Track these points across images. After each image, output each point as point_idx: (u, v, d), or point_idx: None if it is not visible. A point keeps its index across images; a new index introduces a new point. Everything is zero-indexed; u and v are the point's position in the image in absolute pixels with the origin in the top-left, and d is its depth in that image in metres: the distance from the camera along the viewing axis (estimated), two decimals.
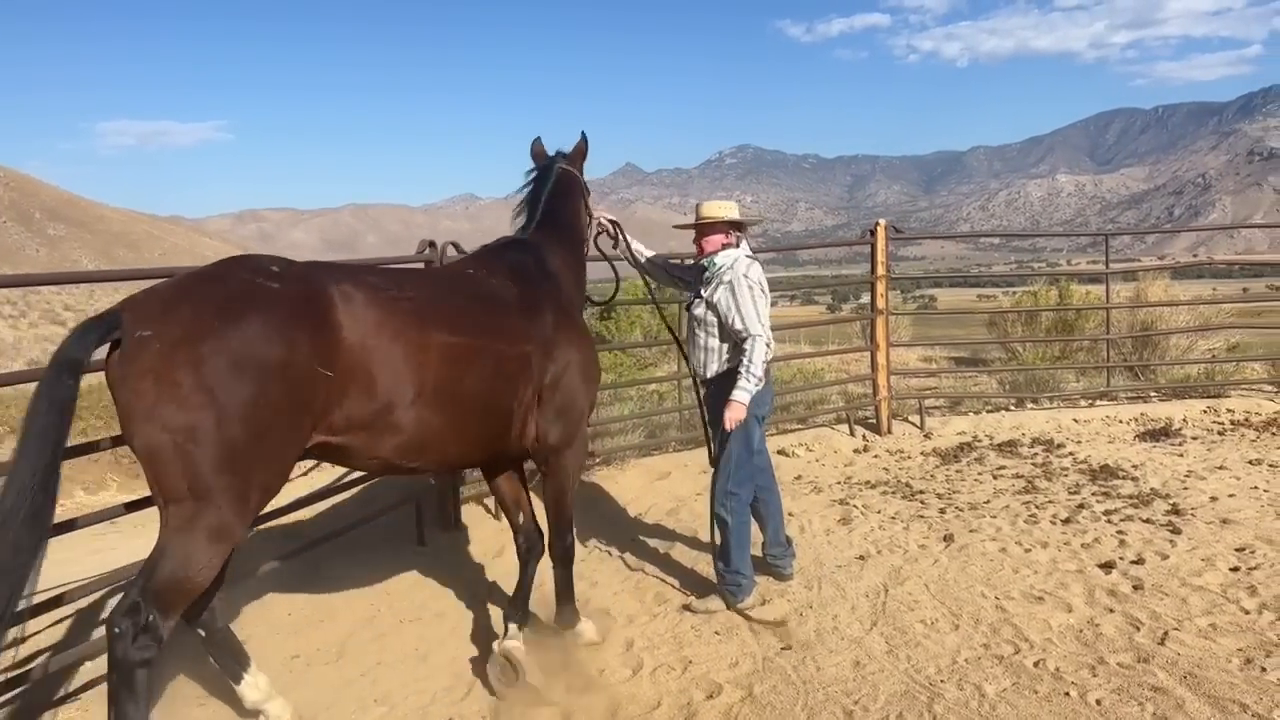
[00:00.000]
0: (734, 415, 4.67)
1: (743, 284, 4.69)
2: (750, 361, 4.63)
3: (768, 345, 4.70)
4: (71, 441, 3.19)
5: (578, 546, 5.96)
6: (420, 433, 3.54)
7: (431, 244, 6.08)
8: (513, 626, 4.30)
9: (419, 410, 3.50)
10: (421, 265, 5.93)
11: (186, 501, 2.96)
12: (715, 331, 4.85)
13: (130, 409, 2.95)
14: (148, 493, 3.22)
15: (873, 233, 8.85)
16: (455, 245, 6.17)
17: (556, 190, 4.71)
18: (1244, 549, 5.31)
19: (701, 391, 5.08)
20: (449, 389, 3.58)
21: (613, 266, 5.38)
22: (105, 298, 36.01)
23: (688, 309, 5.06)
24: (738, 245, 4.90)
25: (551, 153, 4.91)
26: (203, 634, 3.68)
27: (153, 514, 3.17)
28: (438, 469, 4.70)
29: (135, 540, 7.22)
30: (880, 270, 8.85)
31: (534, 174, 4.81)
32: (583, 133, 5.00)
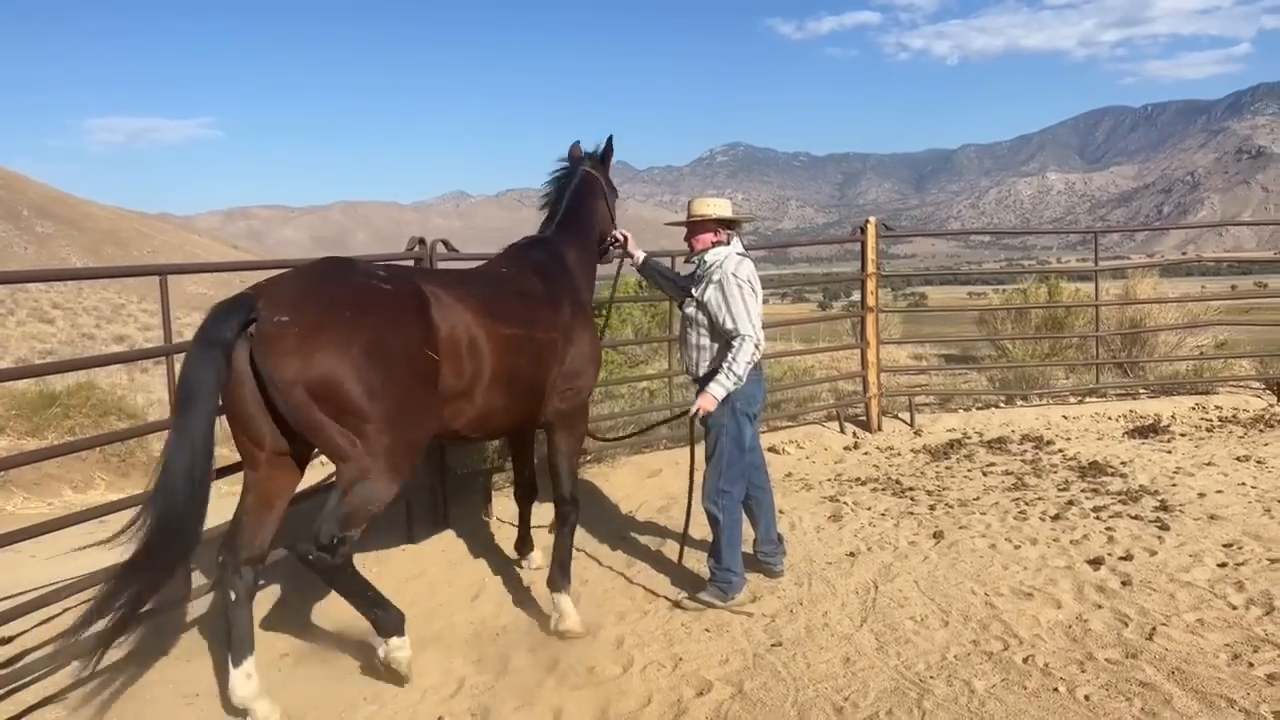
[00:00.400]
0: (703, 405, 4.71)
1: (731, 282, 4.69)
2: (734, 360, 4.64)
3: (757, 345, 4.69)
4: (59, 439, 3.20)
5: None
6: (486, 408, 4.24)
7: (421, 241, 6.07)
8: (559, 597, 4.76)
9: (488, 389, 4.19)
10: (411, 263, 5.91)
11: (343, 458, 3.64)
12: (706, 330, 4.85)
13: (274, 381, 3.50)
14: (137, 492, 3.35)
15: (863, 230, 8.87)
16: (445, 243, 6.16)
17: (578, 191, 5.24)
18: (1231, 545, 5.34)
19: (694, 390, 5.09)
20: (507, 371, 4.25)
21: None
22: (94, 295, 35.84)
23: (680, 307, 5.08)
24: (728, 243, 4.90)
25: (585, 154, 5.42)
26: (234, 596, 3.84)
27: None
28: (485, 438, 5.29)
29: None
30: (871, 268, 8.86)
31: (560, 174, 5.30)
32: (609, 136, 5.48)
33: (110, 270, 5.16)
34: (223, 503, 4.21)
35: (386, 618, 4.00)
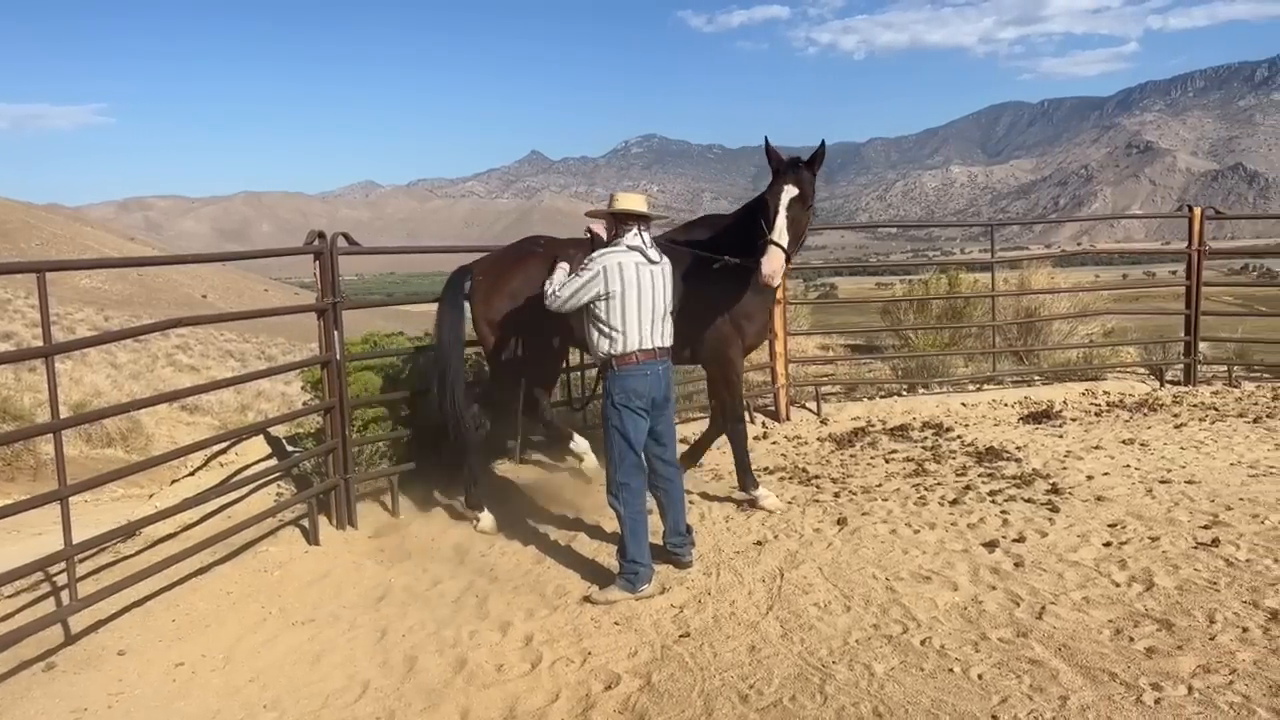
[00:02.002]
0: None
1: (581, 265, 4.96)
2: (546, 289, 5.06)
3: (554, 295, 4.97)
4: None
5: (480, 538, 5.94)
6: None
7: (321, 235, 5.92)
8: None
9: None
10: (310, 256, 5.76)
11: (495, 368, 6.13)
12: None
13: (475, 320, 5.99)
14: (22, 497, 3.19)
15: None
16: (346, 236, 6.03)
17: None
18: (1116, 525, 5.58)
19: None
20: None
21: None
22: None
23: None
24: (620, 236, 4.96)
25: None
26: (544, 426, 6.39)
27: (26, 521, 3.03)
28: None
29: (5, 547, 6.85)
30: None
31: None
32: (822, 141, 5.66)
33: None
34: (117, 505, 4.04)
35: None
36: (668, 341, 5.01)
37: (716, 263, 5.76)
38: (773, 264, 5.30)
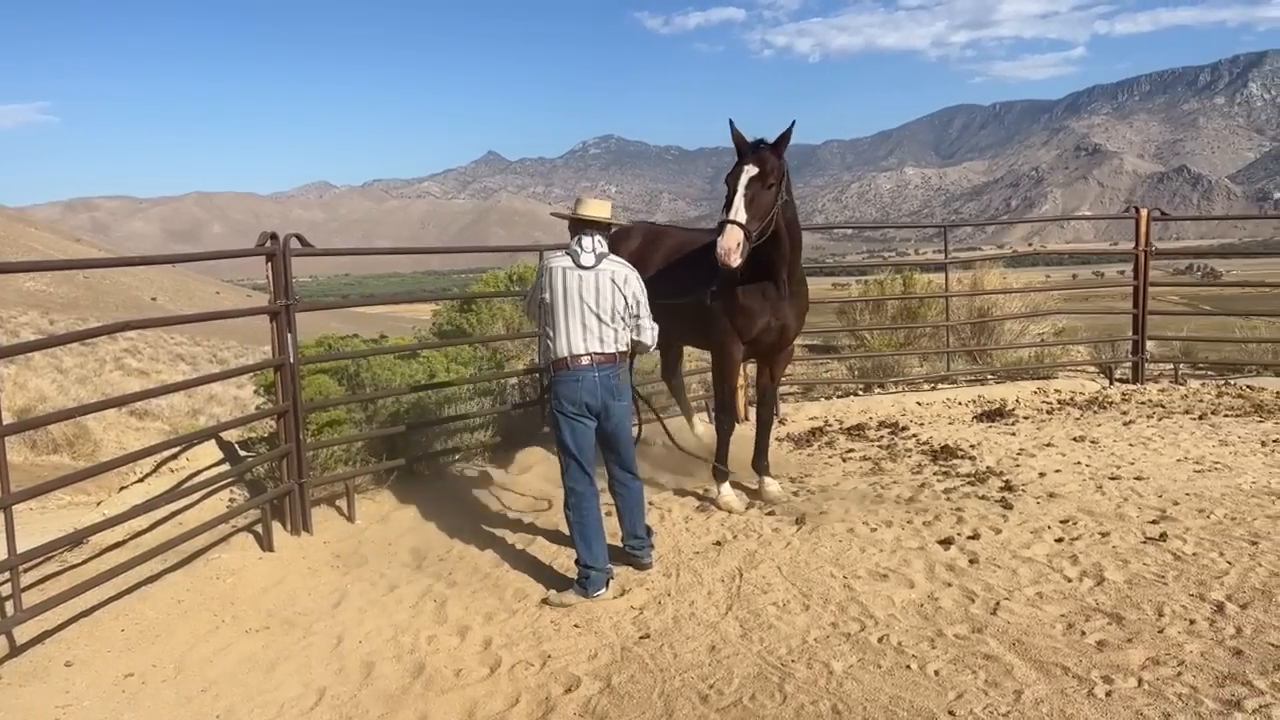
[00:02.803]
0: None
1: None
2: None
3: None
4: None
5: (439, 542, 5.89)
6: None
7: (274, 236, 5.83)
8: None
9: None
10: (263, 258, 5.67)
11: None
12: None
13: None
14: None
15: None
16: (299, 238, 5.94)
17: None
18: (1068, 521, 5.68)
19: None
20: None
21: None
22: None
23: None
24: (571, 240, 5.01)
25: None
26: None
27: None
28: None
29: None
30: None
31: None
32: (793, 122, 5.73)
33: None
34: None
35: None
36: (608, 348, 4.95)
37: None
38: (726, 241, 5.37)
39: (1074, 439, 7.82)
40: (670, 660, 4.22)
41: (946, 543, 5.42)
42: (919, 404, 9.49)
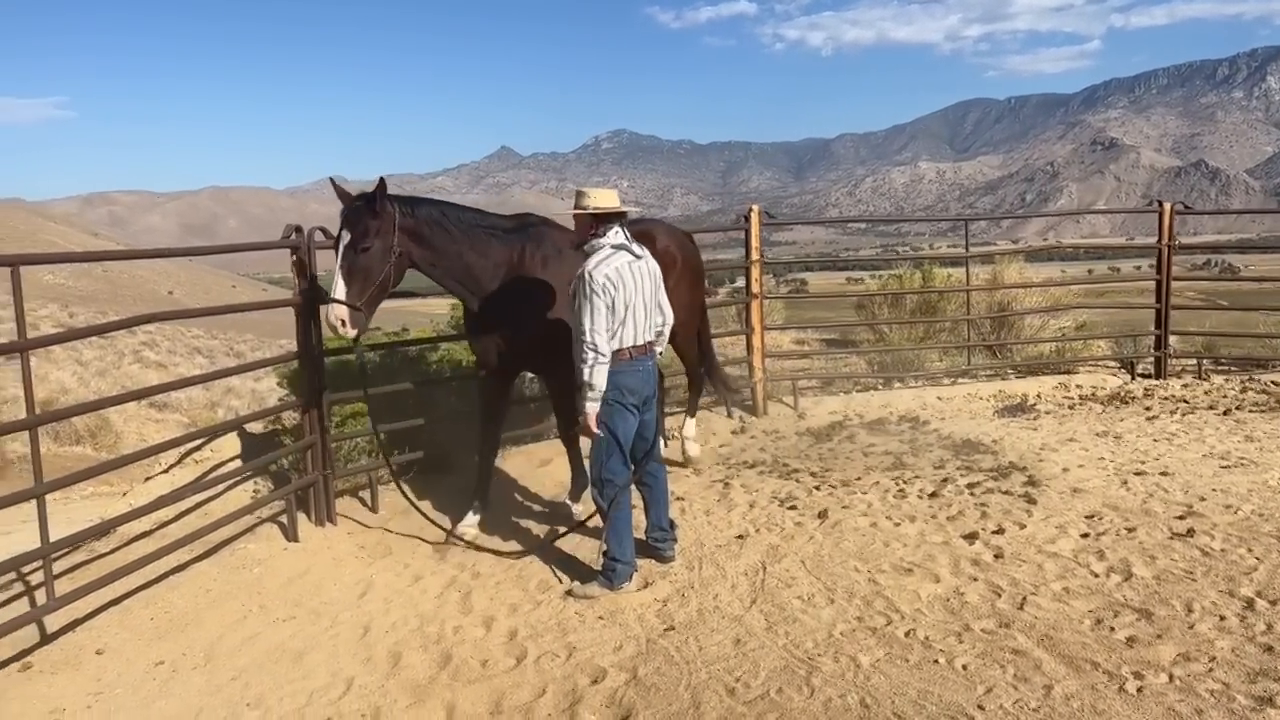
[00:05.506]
0: (583, 424, 4.80)
1: (584, 283, 4.69)
2: (579, 371, 4.71)
3: (595, 350, 4.64)
4: None
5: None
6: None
7: (298, 229, 5.84)
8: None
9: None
10: (288, 251, 5.69)
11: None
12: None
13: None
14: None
15: (747, 218, 9.00)
16: (323, 230, 5.96)
17: None
18: (1093, 516, 5.65)
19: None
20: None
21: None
22: None
23: None
24: (603, 235, 4.87)
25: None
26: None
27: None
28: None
29: None
30: (755, 255, 9.02)
31: None
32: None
33: None
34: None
35: None
36: (652, 335, 4.99)
37: None
38: (330, 319, 5.25)
39: (1097, 434, 7.78)
40: (695, 653, 4.22)
41: (971, 537, 5.40)
42: (939, 399, 9.45)
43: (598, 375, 4.68)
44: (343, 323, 5.17)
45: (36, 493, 4.15)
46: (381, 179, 5.37)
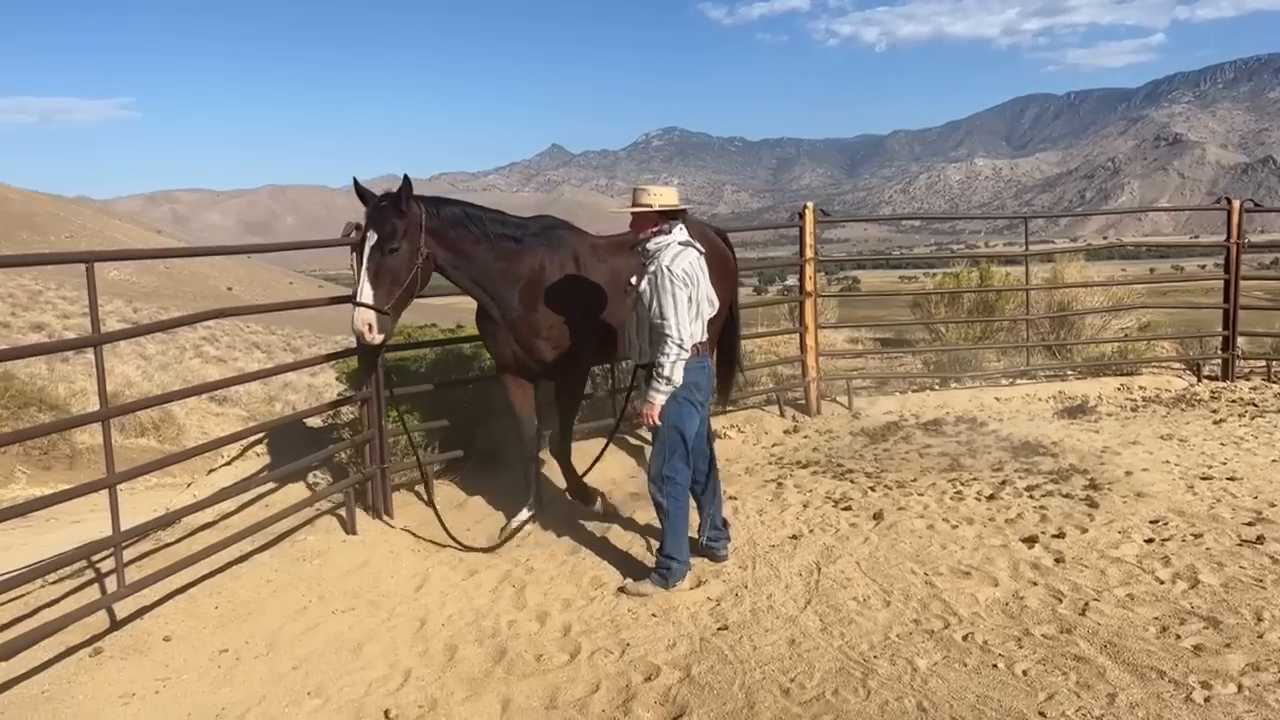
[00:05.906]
0: (646, 413, 4.75)
1: (665, 276, 4.63)
2: (661, 364, 4.64)
3: (680, 345, 4.62)
4: None
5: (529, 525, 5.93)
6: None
7: (358, 226, 5.92)
8: None
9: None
10: (348, 248, 5.78)
11: None
12: (644, 322, 4.81)
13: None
14: (61, 486, 3.22)
15: (801, 215, 8.94)
16: (358, 226, 6.02)
17: None
18: (1157, 521, 5.52)
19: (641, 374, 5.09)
20: None
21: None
22: (9, 281, 34.43)
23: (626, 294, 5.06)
24: (669, 232, 4.85)
25: None
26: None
27: (62, 510, 3.07)
28: None
29: (45, 535, 6.94)
30: (809, 253, 8.95)
31: None
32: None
33: (32, 258, 4.95)
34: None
35: None
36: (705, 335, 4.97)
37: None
38: (356, 323, 5.13)
39: (1161, 437, 7.59)
40: (749, 652, 4.20)
41: (1030, 541, 5.30)
42: (997, 399, 9.30)
43: (678, 370, 4.66)
44: (369, 327, 5.09)
45: (109, 483, 4.28)
46: (406, 177, 5.31)
